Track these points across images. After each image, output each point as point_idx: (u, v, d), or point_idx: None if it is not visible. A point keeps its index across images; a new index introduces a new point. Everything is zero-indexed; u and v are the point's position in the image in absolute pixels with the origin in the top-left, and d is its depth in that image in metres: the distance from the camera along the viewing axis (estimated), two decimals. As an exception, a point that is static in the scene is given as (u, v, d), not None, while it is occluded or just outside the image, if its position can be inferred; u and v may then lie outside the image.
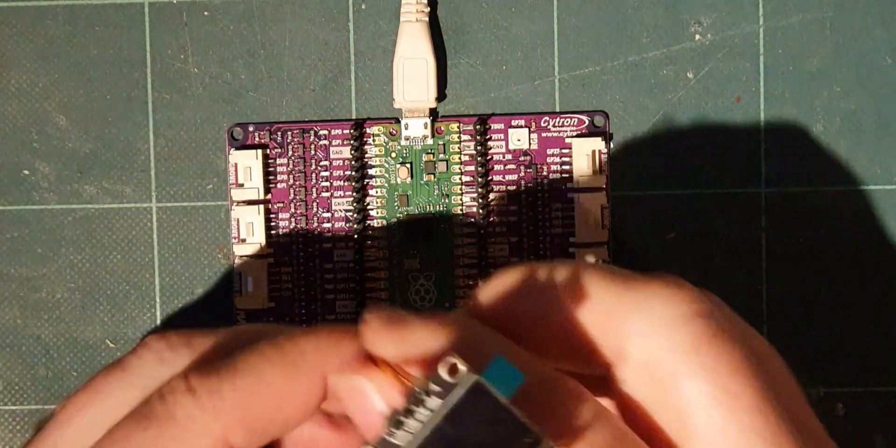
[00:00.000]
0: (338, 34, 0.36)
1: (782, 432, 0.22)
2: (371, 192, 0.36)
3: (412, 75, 0.35)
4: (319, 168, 0.36)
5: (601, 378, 0.24)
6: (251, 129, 0.36)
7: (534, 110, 0.36)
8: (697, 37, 0.36)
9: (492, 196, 0.36)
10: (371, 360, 0.24)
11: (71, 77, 0.36)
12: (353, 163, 0.36)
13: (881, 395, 0.36)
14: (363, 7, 0.36)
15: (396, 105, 0.35)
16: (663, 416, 0.23)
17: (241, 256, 0.36)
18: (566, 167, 0.36)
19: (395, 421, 0.20)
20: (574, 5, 0.36)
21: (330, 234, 0.36)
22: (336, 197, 0.36)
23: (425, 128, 0.35)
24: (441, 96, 0.35)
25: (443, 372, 0.20)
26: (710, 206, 0.36)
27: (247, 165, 0.35)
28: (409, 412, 0.20)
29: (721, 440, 0.22)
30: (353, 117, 0.36)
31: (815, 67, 0.36)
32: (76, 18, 0.36)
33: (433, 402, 0.20)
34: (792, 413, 0.24)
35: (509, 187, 0.36)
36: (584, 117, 0.36)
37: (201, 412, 0.23)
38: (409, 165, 0.36)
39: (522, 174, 0.36)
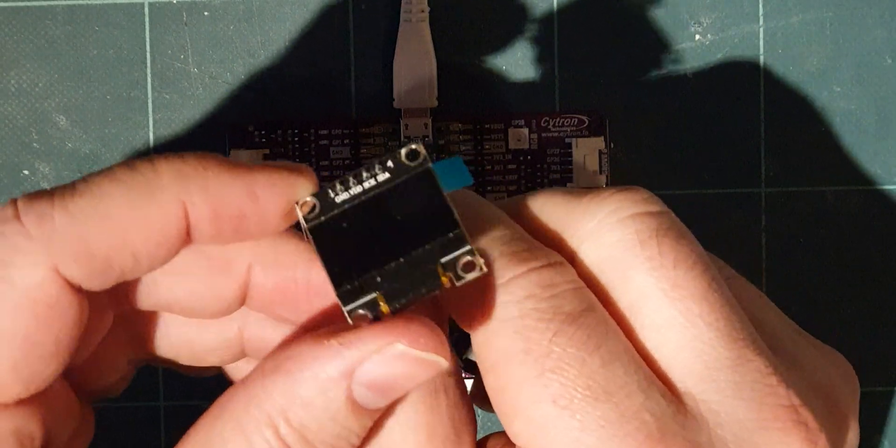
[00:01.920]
0: (338, 34, 0.36)
1: (725, 317, 0.23)
2: (371, 192, 0.36)
3: (412, 75, 0.35)
4: (320, 168, 0.36)
5: None
6: (251, 129, 0.36)
7: (534, 110, 0.36)
8: (697, 37, 0.36)
9: (492, 196, 0.36)
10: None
11: (71, 77, 0.36)
12: (353, 163, 0.36)
13: (881, 395, 0.36)
14: (363, 7, 0.36)
15: (396, 105, 0.35)
16: (620, 309, 0.23)
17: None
18: (566, 167, 0.36)
19: (342, 182, 0.21)
20: (574, 5, 0.36)
21: (330, 234, 0.36)
22: (336, 197, 0.36)
23: (425, 128, 0.35)
24: (441, 96, 0.35)
25: (402, 153, 0.21)
26: (710, 206, 0.36)
27: (247, 165, 0.35)
28: (357, 178, 0.22)
29: (668, 327, 0.22)
30: (353, 117, 0.36)
31: (815, 67, 0.36)
32: (76, 18, 0.36)
33: (382, 176, 0.21)
34: (745, 305, 0.24)
35: (509, 187, 0.36)
36: (584, 117, 0.36)
37: (27, 241, 0.21)
38: (409, 165, 0.36)
39: (522, 174, 0.36)
